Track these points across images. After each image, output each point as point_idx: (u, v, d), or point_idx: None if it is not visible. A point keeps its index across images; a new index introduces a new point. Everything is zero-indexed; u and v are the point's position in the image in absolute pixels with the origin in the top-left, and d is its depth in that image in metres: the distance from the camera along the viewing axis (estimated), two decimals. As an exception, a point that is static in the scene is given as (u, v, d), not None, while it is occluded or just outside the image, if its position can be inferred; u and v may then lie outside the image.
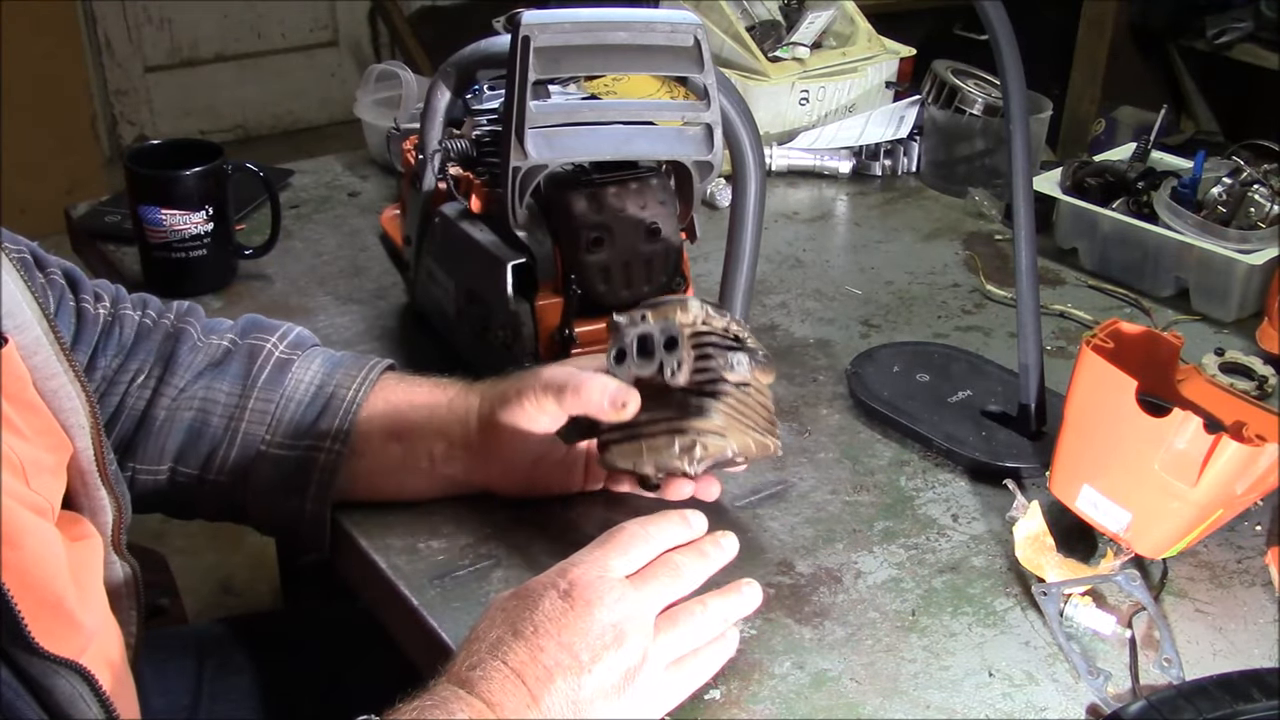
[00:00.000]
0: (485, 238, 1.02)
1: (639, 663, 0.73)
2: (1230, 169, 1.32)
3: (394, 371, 0.96)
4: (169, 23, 4.00)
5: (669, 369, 0.83)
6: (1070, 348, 1.20)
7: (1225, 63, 3.04)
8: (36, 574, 0.68)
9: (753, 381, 0.87)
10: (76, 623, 0.72)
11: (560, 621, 0.72)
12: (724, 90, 0.97)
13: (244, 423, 0.91)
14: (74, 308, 0.93)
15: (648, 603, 0.75)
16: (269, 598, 2.16)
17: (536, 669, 0.70)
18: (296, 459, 0.91)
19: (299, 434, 0.91)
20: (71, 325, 0.91)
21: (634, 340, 0.84)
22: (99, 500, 0.81)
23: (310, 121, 4.32)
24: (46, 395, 0.77)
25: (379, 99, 1.57)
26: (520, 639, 0.71)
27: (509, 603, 0.74)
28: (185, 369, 0.93)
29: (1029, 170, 0.96)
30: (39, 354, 0.76)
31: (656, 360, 0.83)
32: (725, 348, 0.86)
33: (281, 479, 0.91)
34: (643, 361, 0.84)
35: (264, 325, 0.97)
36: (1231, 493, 0.84)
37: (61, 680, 0.69)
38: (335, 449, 0.90)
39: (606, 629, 0.72)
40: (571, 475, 0.94)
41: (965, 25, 3.17)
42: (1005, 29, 0.91)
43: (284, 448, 0.91)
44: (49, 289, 0.91)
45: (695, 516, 0.81)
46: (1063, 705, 0.78)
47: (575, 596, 0.73)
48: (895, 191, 1.55)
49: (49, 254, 0.94)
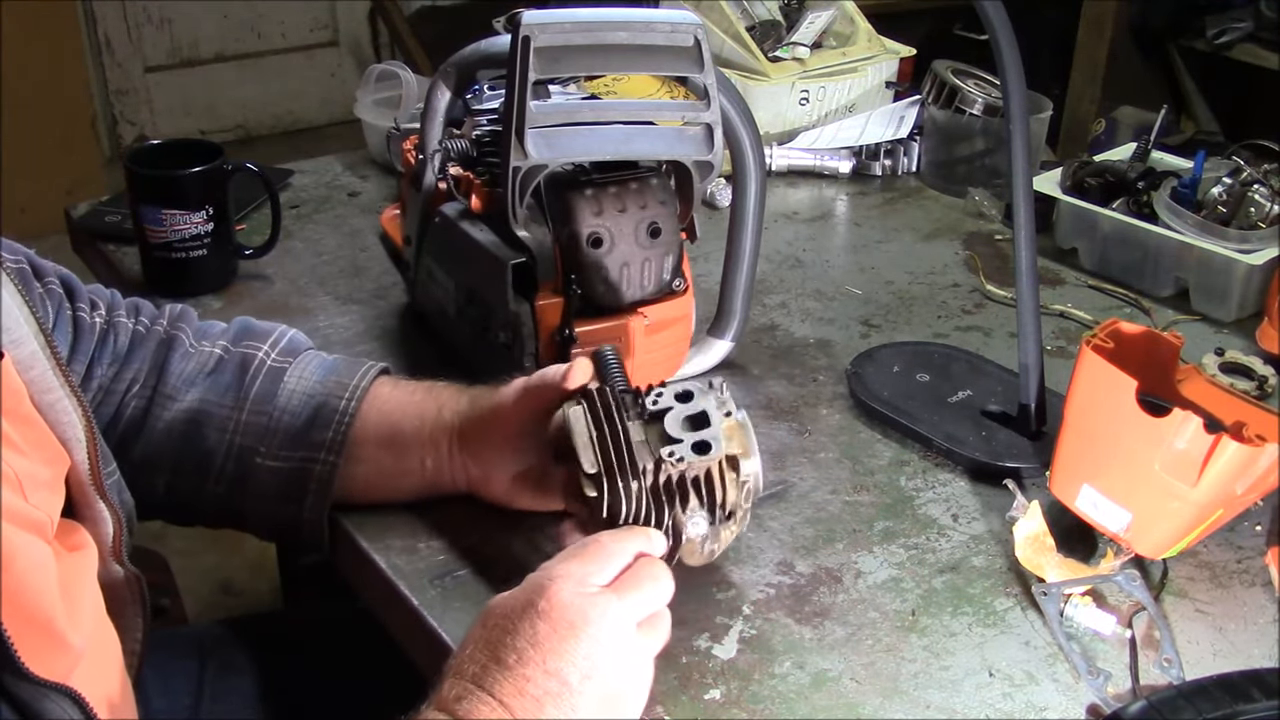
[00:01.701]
0: (485, 238, 1.02)
1: (630, 670, 0.72)
2: (1230, 169, 1.32)
3: (387, 375, 0.96)
4: (169, 23, 4.00)
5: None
6: (1070, 348, 1.20)
7: (1225, 63, 3.03)
8: (26, 595, 0.67)
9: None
10: (65, 643, 0.71)
11: (544, 647, 0.70)
12: (724, 90, 0.97)
13: (239, 435, 0.91)
14: (70, 317, 0.92)
15: (631, 613, 0.73)
16: (269, 598, 2.16)
17: (525, 700, 0.69)
18: (292, 470, 0.91)
19: (294, 444, 0.91)
20: (69, 335, 0.91)
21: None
22: (98, 512, 0.81)
23: (310, 121, 4.32)
24: (43, 409, 0.76)
25: (379, 99, 1.57)
26: (504, 669, 0.69)
27: (488, 629, 0.72)
28: (178, 378, 0.92)
29: (1029, 170, 0.96)
30: (35, 368, 0.76)
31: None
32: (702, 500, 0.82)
33: (278, 489, 0.91)
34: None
35: (256, 331, 0.96)
36: (1231, 493, 0.84)
37: (51, 704, 0.68)
38: (330, 460, 0.90)
39: (594, 647, 0.70)
40: (553, 495, 0.91)
41: (965, 25, 3.17)
42: (1005, 29, 0.91)
43: (279, 459, 0.91)
44: (47, 299, 0.90)
45: (657, 535, 0.80)
46: (1063, 705, 0.78)
47: (556, 618, 0.70)
48: (895, 191, 1.55)
49: (46, 260, 0.93)
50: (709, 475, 0.81)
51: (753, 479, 0.82)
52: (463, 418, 0.92)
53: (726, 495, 0.82)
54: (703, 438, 0.81)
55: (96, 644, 0.78)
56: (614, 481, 0.79)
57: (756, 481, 0.83)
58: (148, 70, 4.02)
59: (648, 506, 0.80)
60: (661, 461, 0.80)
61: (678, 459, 0.80)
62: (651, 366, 1.02)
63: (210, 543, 2.27)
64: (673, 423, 0.82)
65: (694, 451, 0.80)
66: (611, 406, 0.82)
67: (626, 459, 0.80)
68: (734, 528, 0.84)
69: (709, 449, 0.80)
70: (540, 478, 0.91)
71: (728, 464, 0.81)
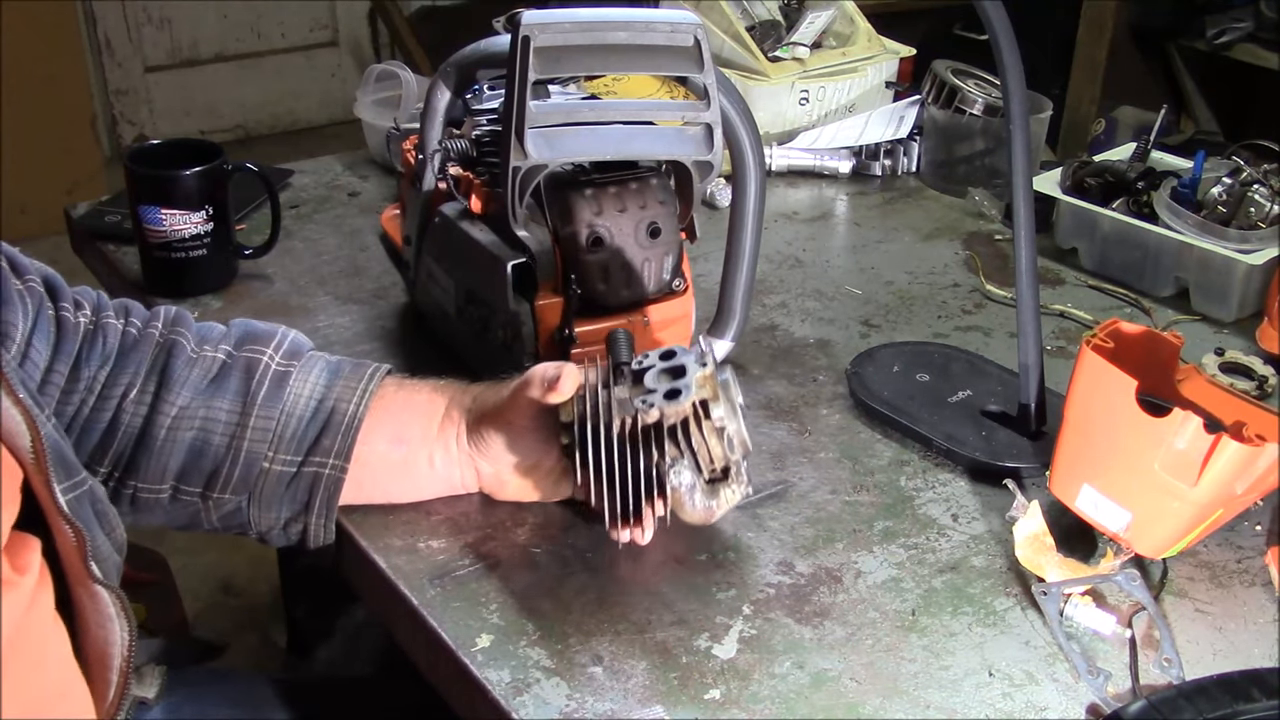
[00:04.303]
0: (485, 238, 1.02)
1: None
2: (1230, 169, 1.32)
3: (393, 376, 0.96)
4: (169, 23, 4.00)
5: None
6: (1070, 348, 1.20)
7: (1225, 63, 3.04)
8: None
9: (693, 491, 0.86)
10: None
11: None
12: (724, 90, 0.97)
13: (245, 441, 0.90)
14: (53, 316, 0.90)
15: None
16: (269, 598, 2.16)
17: None
18: (299, 475, 0.90)
19: (301, 449, 0.90)
20: (50, 334, 0.89)
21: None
22: (58, 527, 0.79)
23: (310, 121, 4.33)
24: None
25: (379, 99, 1.57)
26: None
27: None
28: (181, 384, 0.91)
29: (1029, 170, 0.96)
30: None
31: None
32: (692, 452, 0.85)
33: (286, 496, 0.91)
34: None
35: (258, 334, 0.95)
36: (1231, 493, 0.84)
37: None
38: (338, 465, 0.90)
39: None
40: (564, 483, 0.94)
41: (965, 25, 3.17)
42: (1005, 29, 0.91)
43: (287, 464, 0.90)
44: (27, 296, 0.88)
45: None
46: (1063, 705, 0.78)
47: None
48: (895, 191, 1.55)
49: (28, 258, 0.91)
50: (685, 424, 0.84)
51: (731, 429, 0.85)
52: (470, 414, 0.92)
53: (709, 446, 0.85)
54: (674, 386, 0.84)
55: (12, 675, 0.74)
56: (583, 428, 0.84)
57: (738, 434, 0.86)
58: (148, 70, 4.02)
59: (620, 452, 0.83)
60: (637, 412, 0.83)
61: (649, 405, 0.83)
62: (651, 366, 1.02)
63: (210, 542, 2.27)
64: (651, 378, 0.86)
65: (665, 399, 0.84)
66: (597, 369, 0.87)
67: (600, 407, 0.84)
68: (734, 488, 0.87)
69: (678, 395, 0.84)
70: (551, 469, 0.92)
71: (701, 410, 0.85)
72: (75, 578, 0.81)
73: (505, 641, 0.82)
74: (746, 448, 0.87)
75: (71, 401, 0.89)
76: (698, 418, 0.84)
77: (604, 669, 0.80)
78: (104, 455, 0.90)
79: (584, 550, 0.90)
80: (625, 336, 0.94)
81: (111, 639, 0.83)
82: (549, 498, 0.94)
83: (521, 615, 0.84)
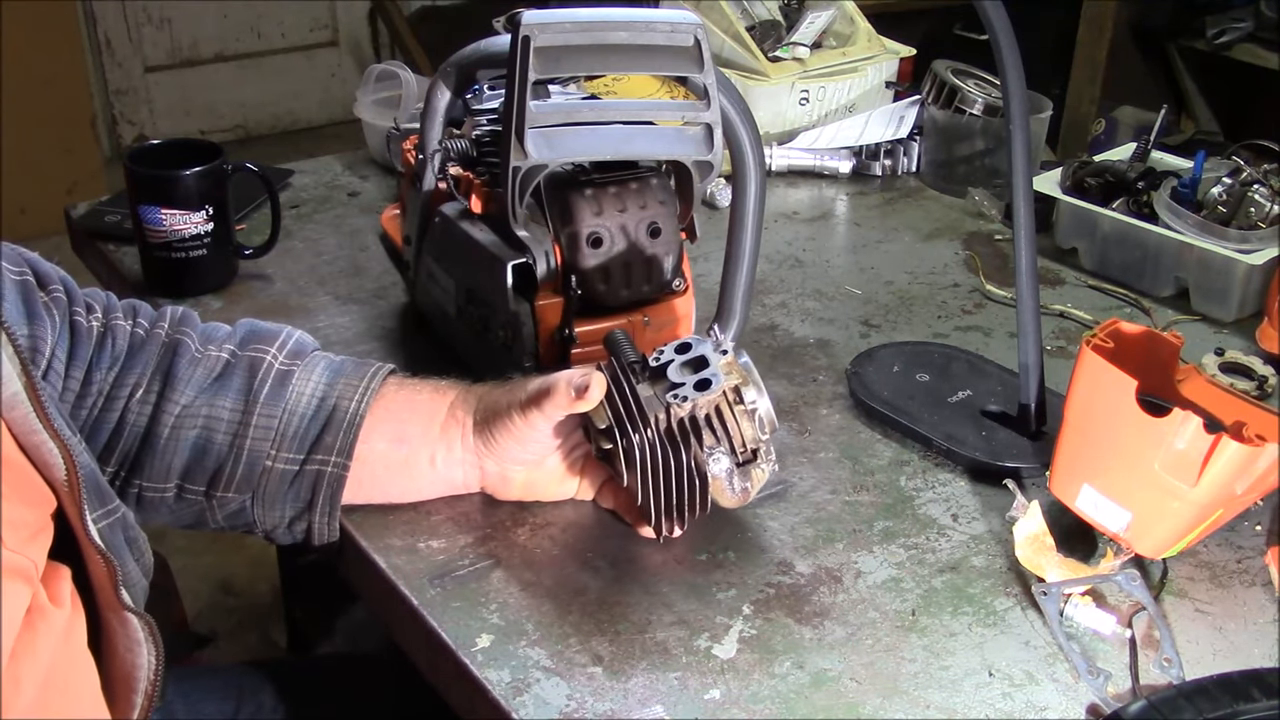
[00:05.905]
0: (485, 238, 1.02)
1: None
2: (1230, 169, 1.32)
3: (395, 376, 0.96)
4: (169, 23, 4.00)
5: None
6: (1070, 348, 1.20)
7: (1225, 63, 3.04)
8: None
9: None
10: None
11: None
12: (724, 90, 0.97)
13: (248, 439, 0.90)
14: (68, 322, 0.90)
15: None
16: (269, 598, 2.16)
17: None
18: (302, 474, 0.90)
19: (303, 448, 0.90)
20: (66, 341, 0.89)
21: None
22: (89, 556, 0.79)
23: (310, 121, 4.33)
24: (29, 450, 0.75)
25: (379, 99, 1.57)
26: None
27: None
28: (185, 383, 0.91)
29: (1029, 170, 0.96)
30: (18, 409, 0.74)
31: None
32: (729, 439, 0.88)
33: (289, 494, 0.91)
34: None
35: (262, 334, 0.95)
36: (1231, 493, 0.84)
37: None
38: (340, 462, 0.90)
39: None
40: (567, 483, 0.94)
41: (965, 25, 3.17)
42: (1005, 29, 0.91)
43: (289, 462, 0.90)
44: (53, 308, 0.88)
45: None
46: (1063, 705, 0.78)
47: None
48: (895, 191, 1.55)
49: (46, 263, 0.91)
50: (719, 411, 0.87)
51: (762, 409, 0.88)
52: (477, 414, 0.92)
53: (741, 429, 0.87)
54: (703, 376, 0.86)
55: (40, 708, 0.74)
56: (624, 429, 0.85)
57: (768, 413, 0.88)
58: (148, 70, 4.02)
59: (664, 450, 0.85)
60: (670, 406, 0.85)
61: (682, 399, 0.85)
62: (651, 366, 1.02)
63: (210, 542, 2.28)
64: (675, 371, 0.88)
65: (696, 389, 0.86)
66: (618, 370, 0.88)
67: (635, 408, 0.86)
68: (764, 466, 0.89)
69: (709, 385, 0.86)
70: (556, 468, 0.93)
71: (733, 395, 0.87)
72: (106, 604, 0.82)
73: (505, 641, 0.82)
74: (774, 425, 0.89)
75: (85, 406, 0.90)
76: (729, 403, 0.87)
77: (604, 669, 0.80)
78: (110, 455, 0.90)
79: (584, 550, 0.90)
80: (625, 335, 0.94)
81: (139, 662, 0.84)
82: (553, 497, 0.95)
83: (521, 615, 0.84)
